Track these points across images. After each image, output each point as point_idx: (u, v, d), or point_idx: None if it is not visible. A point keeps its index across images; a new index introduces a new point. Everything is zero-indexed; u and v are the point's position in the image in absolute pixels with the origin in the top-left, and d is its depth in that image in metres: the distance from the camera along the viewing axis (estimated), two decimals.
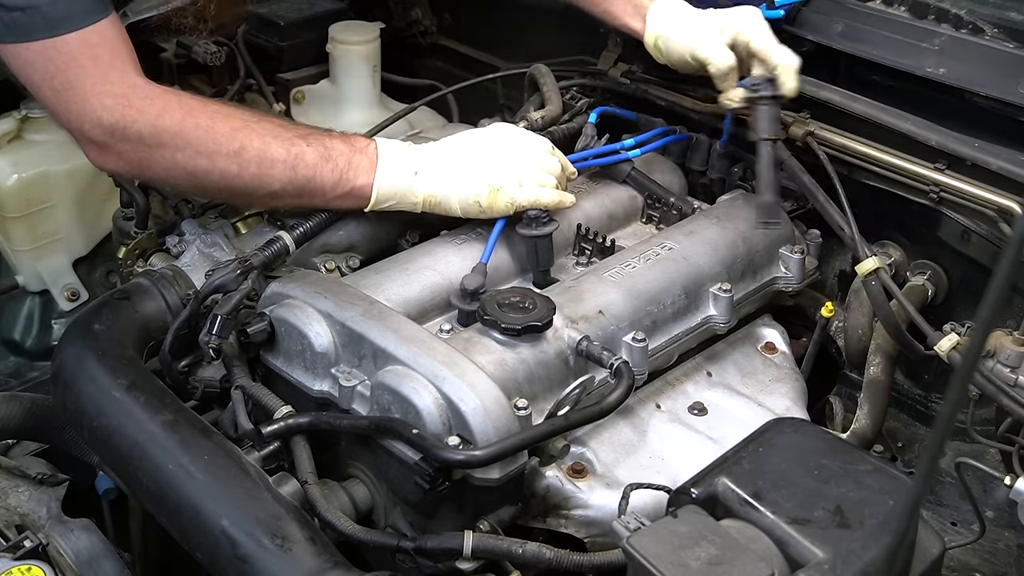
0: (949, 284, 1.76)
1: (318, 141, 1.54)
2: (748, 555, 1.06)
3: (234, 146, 1.50)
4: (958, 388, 0.73)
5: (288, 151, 1.52)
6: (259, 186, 1.53)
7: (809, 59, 1.96)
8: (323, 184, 1.54)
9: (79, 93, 1.48)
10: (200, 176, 1.52)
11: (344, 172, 1.54)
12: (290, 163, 1.52)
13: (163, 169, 1.53)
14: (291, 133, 1.54)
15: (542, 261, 1.57)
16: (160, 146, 1.49)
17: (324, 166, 1.53)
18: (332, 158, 1.53)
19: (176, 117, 1.49)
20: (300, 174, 1.52)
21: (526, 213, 1.56)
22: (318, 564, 1.19)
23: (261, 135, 1.52)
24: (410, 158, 1.57)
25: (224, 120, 1.51)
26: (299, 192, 1.54)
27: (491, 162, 1.57)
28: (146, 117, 1.48)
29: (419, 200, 1.57)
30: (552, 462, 1.38)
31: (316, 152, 1.53)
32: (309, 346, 1.42)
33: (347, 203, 1.57)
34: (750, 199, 1.80)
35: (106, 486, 1.66)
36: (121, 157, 1.52)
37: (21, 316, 2.22)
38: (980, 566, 1.55)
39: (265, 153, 1.51)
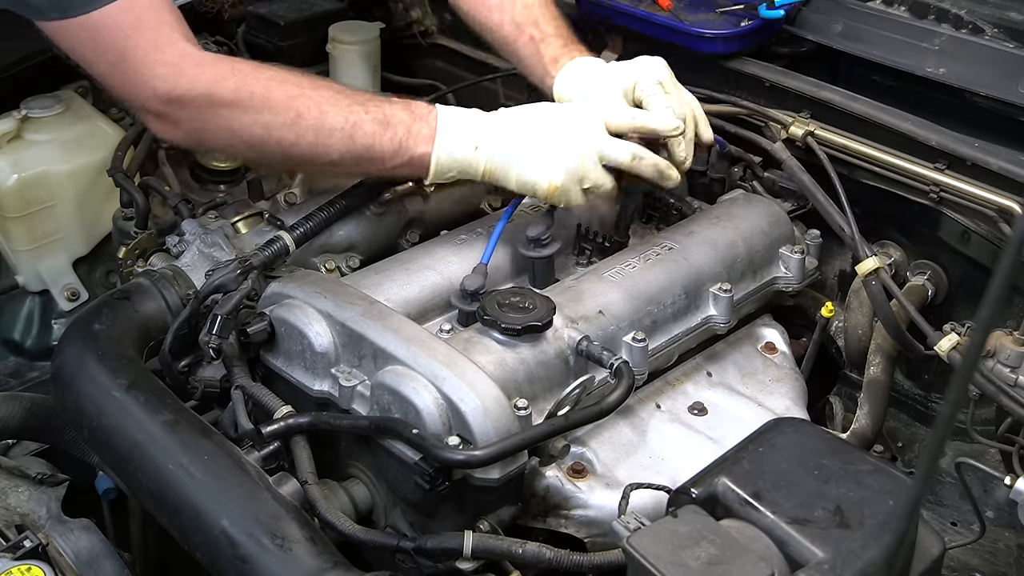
0: (949, 284, 1.76)
1: (377, 108, 1.50)
2: (748, 555, 1.06)
3: (290, 115, 1.47)
4: (958, 388, 0.73)
5: (346, 119, 1.48)
6: (317, 155, 1.50)
7: (809, 59, 1.97)
8: (382, 153, 1.49)
9: (133, 63, 1.45)
10: (257, 144, 1.49)
11: (404, 140, 1.49)
12: (348, 132, 1.48)
13: (221, 138, 1.51)
14: (349, 100, 1.50)
15: (539, 282, 1.57)
16: (215, 115, 1.47)
17: (383, 134, 1.48)
18: (391, 125, 1.49)
19: (230, 85, 1.46)
20: (358, 143, 1.48)
21: (528, 231, 1.55)
22: (318, 564, 1.19)
23: (318, 103, 1.48)
24: (472, 129, 1.51)
25: (279, 87, 1.48)
26: (357, 160, 1.51)
27: (555, 152, 1.48)
28: (200, 84, 1.46)
29: (480, 172, 1.51)
30: (552, 462, 1.38)
31: (374, 120, 1.49)
32: (309, 346, 1.42)
33: (407, 172, 1.54)
34: (750, 199, 1.80)
35: (106, 486, 1.66)
36: (179, 126, 1.50)
37: (21, 316, 2.22)
38: (980, 566, 1.55)
39: (322, 122, 1.47)
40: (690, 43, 1.93)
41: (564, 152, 1.48)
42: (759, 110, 1.87)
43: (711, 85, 1.95)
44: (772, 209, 1.77)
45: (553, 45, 1.76)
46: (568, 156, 1.48)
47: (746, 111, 1.88)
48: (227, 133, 1.49)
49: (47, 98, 2.11)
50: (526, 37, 1.78)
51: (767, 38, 1.96)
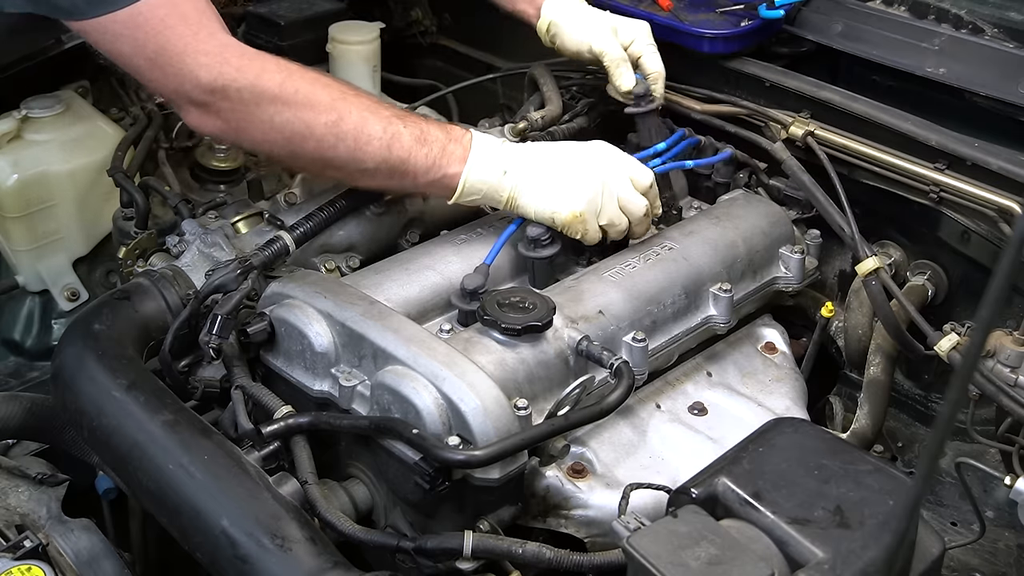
0: (949, 284, 1.76)
1: (415, 124, 1.52)
2: (748, 555, 1.06)
3: (332, 116, 1.48)
4: (958, 388, 0.73)
5: (385, 129, 1.49)
6: (353, 160, 1.51)
7: (809, 59, 1.97)
8: (416, 167, 1.51)
9: (173, 55, 1.45)
10: (297, 143, 1.49)
11: (438, 159, 1.51)
12: (386, 142, 1.49)
13: (261, 132, 1.50)
14: (388, 112, 1.52)
15: (539, 282, 1.57)
16: (258, 108, 1.47)
17: (419, 150, 1.51)
18: (428, 142, 1.51)
19: (276, 79, 1.47)
20: (395, 154, 1.50)
21: (528, 231, 1.55)
22: (318, 564, 1.19)
23: (360, 108, 1.50)
24: (502, 156, 1.54)
25: (324, 88, 1.50)
26: (391, 172, 1.52)
27: (579, 183, 1.53)
28: (245, 76, 1.46)
29: (504, 198, 1.54)
30: (552, 462, 1.38)
31: (412, 135, 1.51)
32: (309, 346, 1.42)
33: (435, 190, 1.56)
34: (751, 199, 1.80)
35: (106, 486, 1.66)
36: (220, 116, 1.49)
37: (21, 316, 2.22)
38: (980, 566, 1.55)
39: (363, 128, 1.49)
40: (690, 43, 1.93)
41: (587, 184, 1.53)
42: (759, 110, 1.87)
43: (711, 85, 1.95)
44: (772, 209, 1.77)
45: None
46: (591, 189, 1.53)
47: (746, 111, 1.89)
48: (268, 127, 1.49)
49: (47, 98, 2.11)
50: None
51: (767, 38, 1.97)
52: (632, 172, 1.58)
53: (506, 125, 1.91)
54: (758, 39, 1.95)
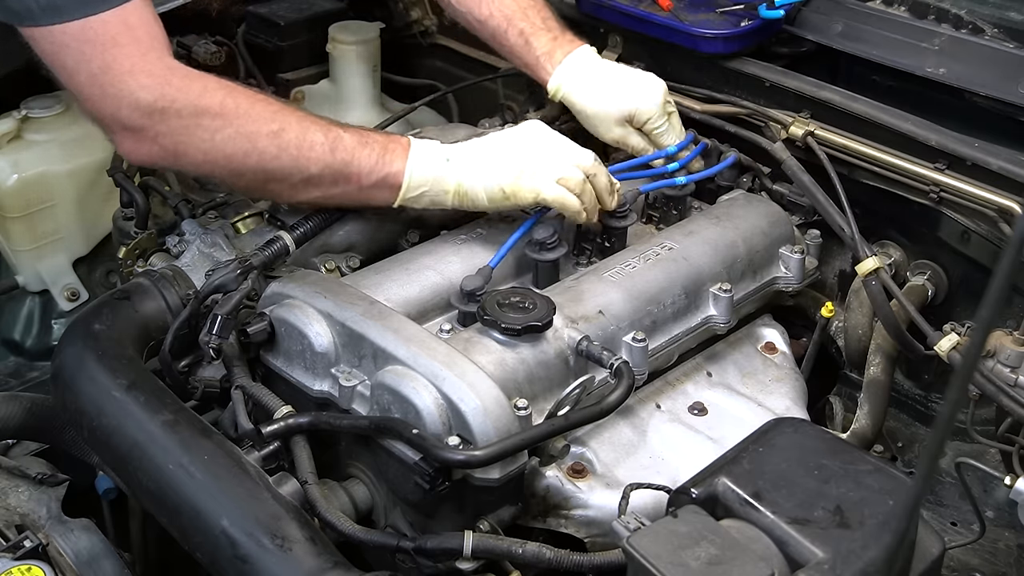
0: (949, 284, 1.76)
1: (354, 130, 1.56)
2: (748, 555, 1.06)
3: (274, 127, 1.49)
4: (958, 388, 0.73)
5: (326, 135, 1.52)
6: (296, 169, 1.51)
7: (809, 59, 1.97)
8: (360, 168, 1.52)
9: (117, 74, 1.44)
10: (239, 159, 1.49)
11: (380, 157, 1.53)
12: (328, 146, 1.51)
13: (202, 152, 1.49)
14: (327, 121, 1.55)
15: (543, 284, 1.57)
16: (200, 126, 1.47)
17: (361, 151, 1.52)
18: (369, 143, 1.53)
19: (217, 96, 1.48)
20: (338, 157, 1.51)
21: (535, 233, 1.56)
22: (318, 564, 1.19)
23: (300, 118, 1.52)
24: (443, 148, 1.57)
25: (263, 102, 1.52)
26: (335, 177, 1.53)
27: (521, 153, 1.56)
28: (187, 96, 1.46)
29: (451, 189, 1.55)
30: (552, 462, 1.38)
31: (353, 139, 1.53)
32: (309, 346, 1.42)
33: (380, 193, 1.56)
34: (751, 199, 1.80)
35: (106, 486, 1.66)
36: (157, 141, 1.48)
37: (21, 316, 2.22)
38: (980, 566, 1.55)
39: (304, 135, 1.50)
40: (690, 43, 1.93)
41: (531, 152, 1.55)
42: (759, 110, 1.87)
43: (711, 85, 1.95)
44: (772, 209, 1.77)
45: (544, 38, 1.82)
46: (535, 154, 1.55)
47: (746, 111, 1.88)
48: (209, 145, 1.48)
49: (47, 98, 2.12)
50: (516, 30, 1.84)
51: (767, 38, 1.96)
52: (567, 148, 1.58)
53: (506, 125, 1.91)
54: (758, 39, 1.95)
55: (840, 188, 1.72)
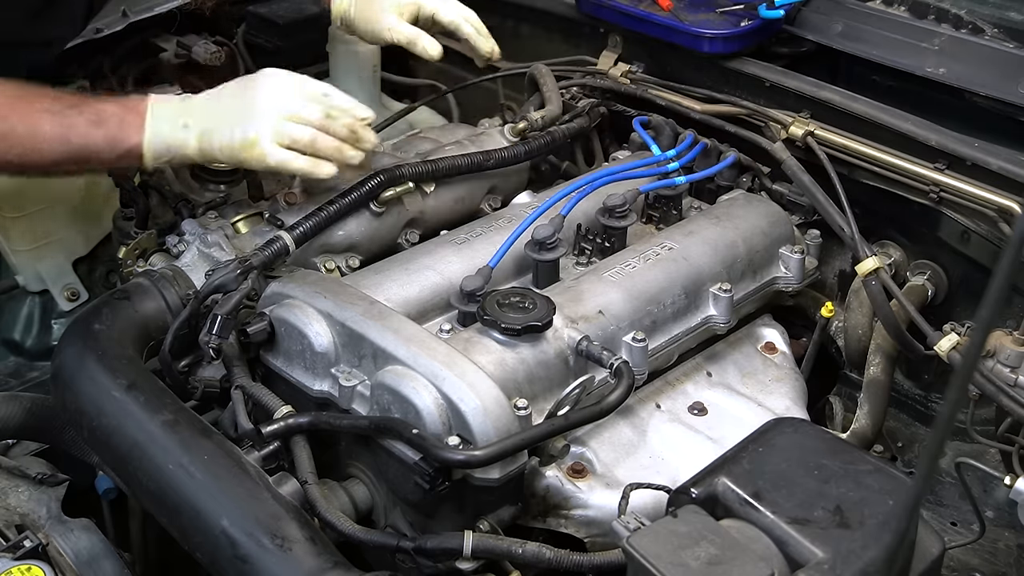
0: (949, 284, 1.76)
1: (90, 108, 1.55)
2: (748, 555, 1.06)
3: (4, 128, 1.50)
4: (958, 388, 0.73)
5: (59, 123, 1.52)
6: (33, 162, 1.55)
7: (809, 59, 1.97)
8: (97, 149, 1.54)
9: None
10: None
11: (116, 134, 1.54)
12: (60, 136, 1.52)
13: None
14: (63, 105, 1.55)
15: (543, 284, 1.57)
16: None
17: (96, 132, 1.54)
18: (103, 122, 1.54)
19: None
20: (74, 144, 1.53)
21: (535, 233, 1.56)
22: (318, 564, 1.19)
23: (30, 114, 1.52)
24: (181, 112, 1.57)
25: None
26: (76, 160, 1.55)
27: (252, 112, 1.55)
28: None
29: (193, 152, 1.57)
30: (552, 462, 1.38)
31: (88, 120, 1.54)
32: (309, 346, 1.42)
33: (126, 162, 1.59)
34: (751, 199, 1.80)
35: (106, 486, 1.66)
36: None
37: (21, 316, 2.22)
38: (980, 566, 1.55)
39: (35, 131, 1.52)
40: (690, 43, 1.93)
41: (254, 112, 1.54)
42: (759, 110, 1.87)
43: (711, 85, 1.95)
44: (772, 209, 1.77)
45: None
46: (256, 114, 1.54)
47: (746, 111, 1.88)
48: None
49: None
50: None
51: (767, 38, 1.96)
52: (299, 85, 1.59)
53: (506, 125, 1.91)
54: (758, 39, 1.95)
55: (840, 188, 1.72)
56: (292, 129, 1.54)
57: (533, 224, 1.57)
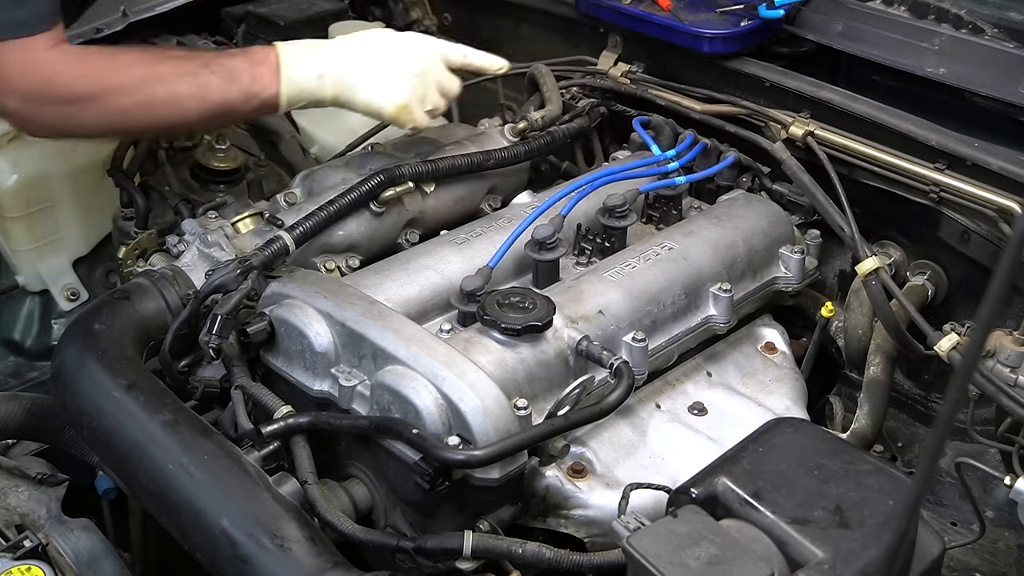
0: (949, 284, 1.76)
1: (221, 66, 1.61)
2: (748, 555, 1.06)
3: (143, 96, 1.57)
4: (958, 388, 0.73)
5: (194, 84, 1.59)
6: (175, 124, 1.67)
7: (809, 59, 1.97)
8: (233, 103, 1.61)
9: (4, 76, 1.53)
10: (118, 127, 1.65)
11: (250, 88, 1.61)
12: (199, 95, 1.59)
13: (83, 129, 1.64)
14: (194, 65, 1.61)
15: (543, 284, 1.57)
16: (81, 111, 1.57)
17: (230, 88, 1.60)
18: (236, 78, 1.60)
19: (92, 82, 1.57)
20: (211, 102, 1.60)
21: (535, 233, 1.55)
22: (318, 564, 1.19)
23: (166, 78, 1.59)
24: (315, 61, 1.63)
25: (134, 71, 1.59)
26: (214, 116, 1.65)
27: (400, 75, 1.63)
28: (64, 86, 1.55)
29: (327, 98, 1.64)
30: (552, 462, 1.38)
31: (221, 78, 1.60)
32: (309, 346, 1.42)
33: (263, 112, 1.68)
34: (751, 199, 1.80)
35: (106, 486, 1.66)
36: (42, 124, 1.61)
37: (21, 316, 2.22)
38: (980, 566, 1.55)
39: (174, 95, 1.58)
40: (690, 43, 1.93)
41: (408, 75, 1.64)
42: (759, 110, 1.87)
43: (711, 85, 1.95)
44: (772, 209, 1.77)
45: None
46: (412, 79, 1.64)
47: (746, 111, 1.88)
48: (91, 123, 1.60)
49: None
50: None
51: (767, 38, 1.96)
52: (444, 53, 1.69)
53: (506, 125, 1.91)
54: (758, 39, 1.95)
55: (840, 188, 1.72)
56: (436, 99, 1.67)
57: (533, 224, 1.57)
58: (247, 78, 1.60)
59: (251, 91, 1.60)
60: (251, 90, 1.60)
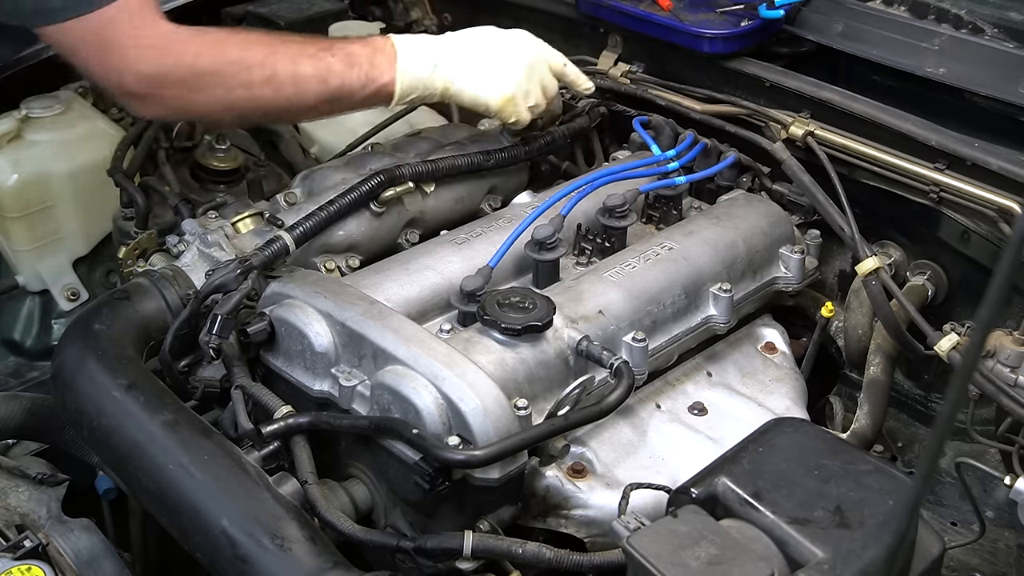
0: (949, 284, 1.76)
1: (341, 50, 1.64)
2: (748, 555, 1.06)
3: (267, 73, 1.58)
4: (958, 388, 0.73)
5: (317, 66, 1.61)
6: (295, 103, 1.63)
7: (809, 59, 1.97)
8: (352, 88, 1.64)
9: (116, 49, 1.53)
10: (239, 106, 1.62)
11: (368, 73, 1.63)
12: (321, 76, 1.61)
13: (205, 107, 1.62)
14: (315, 47, 1.64)
15: (543, 284, 1.57)
16: (200, 87, 1.56)
17: (351, 73, 1.62)
18: (356, 63, 1.63)
19: (212, 56, 1.57)
20: (331, 85, 1.62)
21: (535, 233, 1.56)
22: (318, 564, 1.19)
23: (290, 56, 1.60)
24: (430, 52, 1.67)
25: (253, 49, 1.59)
26: (331, 100, 1.65)
27: (508, 69, 1.68)
28: (183, 61, 1.55)
29: (438, 90, 1.68)
30: (552, 462, 1.38)
31: (341, 61, 1.62)
32: (309, 346, 1.42)
33: (376, 101, 1.68)
34: (751, 199, 1.80)
35: (106, 486, 1.66)
36: (163, 104, 1.59)
37: (21, 316, 2.22)
38: (980, 566, 1.55)
39: (297, 73, 1.60)
40: (690, 43, 1.93)
41: (516, 70, 1.69)
42: (759, 110, 1.87)
43: (711, 85, 1.95)
44: (772, 209, 1.77)
45: None
46: (519, 74, 1.69)
47: (746, 111, 1.88)
48: (212, 100, 1.59)
49: (47, 98, 2.11)
50: None
51: (767, 38, 1.96)
52: (549, 56, 1.74)
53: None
54: (758, 39, 1.95)
55: (840, 188, 1.72)
56: (538, 96, 1.72)
57: (533, 224, 1.57)
58: (366, 64, 1.63)
59: (370, 75, 1.63)
60: (370, 74, 1.63)
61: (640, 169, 1.78)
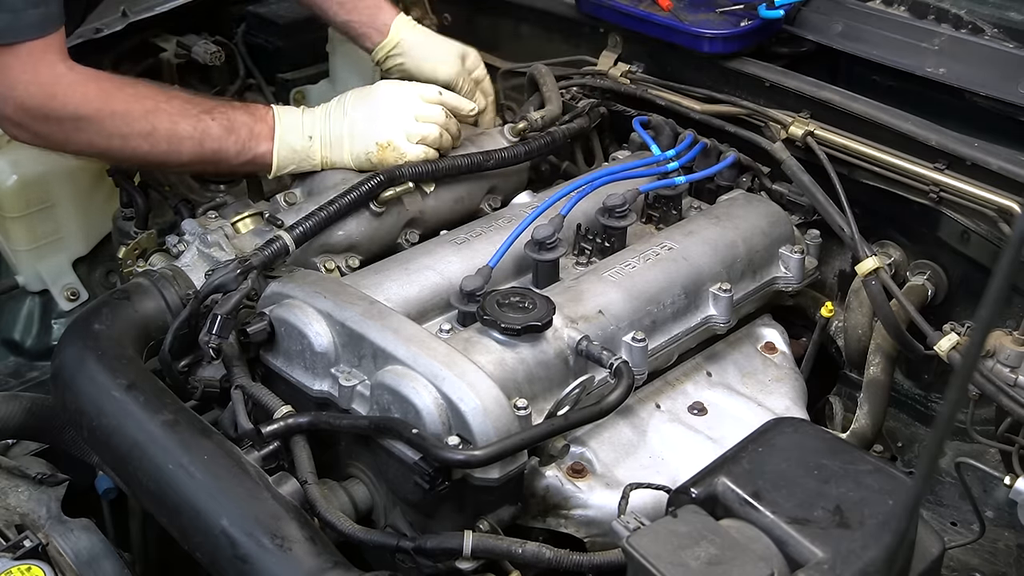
0: (949, 284, 1.76)
1: (222, 115, 1.68)
2: (748, 555, 1.06)
3: (146, 127, 1.63)
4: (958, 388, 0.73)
5: (195, 127, 1.65)
6: (171, 159, 1.68)
7: (809, 59, 1.97)
8: (228, 155, 1.68)
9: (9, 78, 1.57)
10: (114, 152, 1.67)
11: (246, 142, 1.68)
12: (197, 139, 1.65)
13: (77, 148, 1.68)
14: (198, 109, 1.67)
15: (543, 284, 1.57)
16: (77, 130, 1.61)
17: (228, 139, 1.67)
18: (235, 130, 1.67)
19: (95, 105, 1.61)
20: (207, 148, 1.66)
21: (535, 233, 1.56)
22: (318, 564, 1.19)
23: (171, 115, 1.65)
24: (305, 124, 1.71)
25: (138, 103, 1.64)
26: (206, 162, 1.70)
27: (377, 121, 1.71)
28: (67, 105, 1.59)
29: (317, 162, 1.72)
30: (552, 462, 1.38)
31: (221, 126, 1.67)
32: (309, 346, 1.42)
33: (251, 169, 1.74)
34: (751, 199, 1.80)
35: (106, 486, 1.66)
36: (37, 136, 1.64)
37: (21, 316, 2.22)
38: (980, 566, 1.55)
39: (174, 132, 1.64)
40: (690, 43, 1.93)
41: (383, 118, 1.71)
42: (759, 110, 1.87)
43: (711, 85, 1.95)
44: (772, 209, 1.77)
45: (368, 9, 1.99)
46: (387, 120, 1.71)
47: (746, 111, 1.88)
48: (85, 143, 1.64)
49: None
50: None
51: (767, 38, 1.96)
52: (416, 93, 1.75)
53: (506, 125, 1.91)
54: (758, 39, 1.95)
55: (840, 188, 1.72)
56: (423, 128, 1.71)
57: (533, 224, 1.57)
58: (245, 132, 1.67)
59: (247, 146, 1.67)
60: (247, 144, 1.67)
61: (640, 169, 1.78)
